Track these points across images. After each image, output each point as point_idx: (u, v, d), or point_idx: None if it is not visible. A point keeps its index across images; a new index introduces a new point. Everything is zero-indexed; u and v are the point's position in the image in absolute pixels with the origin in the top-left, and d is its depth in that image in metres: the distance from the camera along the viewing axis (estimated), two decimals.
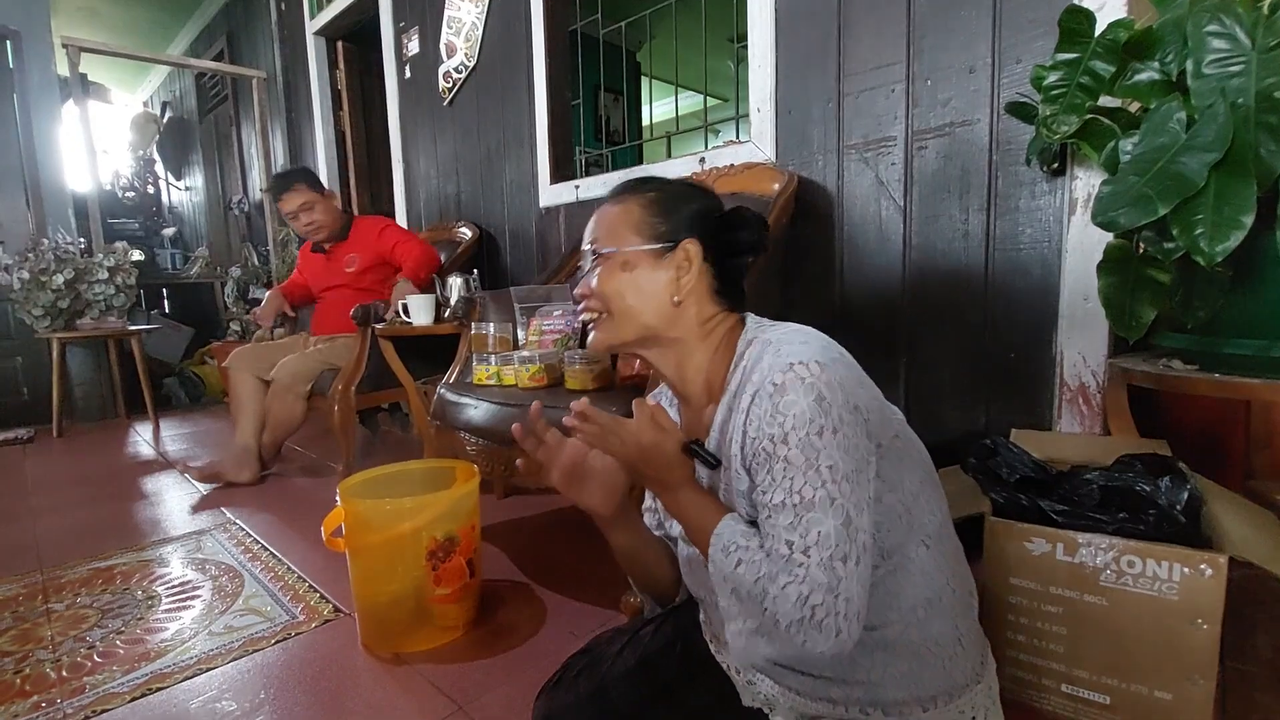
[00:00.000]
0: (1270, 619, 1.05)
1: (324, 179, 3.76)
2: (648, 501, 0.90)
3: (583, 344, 1.67)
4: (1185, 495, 0.89)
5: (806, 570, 0.57)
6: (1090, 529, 0.88)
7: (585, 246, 0.77)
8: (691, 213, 0.75)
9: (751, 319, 0.76)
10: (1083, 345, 1.30)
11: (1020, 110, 1.25)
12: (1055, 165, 1.29)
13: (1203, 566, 0.80)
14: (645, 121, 4.74)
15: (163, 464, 2.72)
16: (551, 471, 0.79)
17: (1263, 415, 1.28)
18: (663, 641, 0.82)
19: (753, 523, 0.66)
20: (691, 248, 0.73)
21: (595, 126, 4.40)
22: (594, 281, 0.75)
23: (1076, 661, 0.90)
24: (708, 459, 0.70)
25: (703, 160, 1.92)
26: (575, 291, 0.78)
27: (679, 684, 0.77)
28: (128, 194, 5.61)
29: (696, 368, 0.75)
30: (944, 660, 0.67)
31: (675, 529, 0.80)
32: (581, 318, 0.79)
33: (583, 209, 2.36)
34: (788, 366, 0.61)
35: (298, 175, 2.53)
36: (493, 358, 1.64)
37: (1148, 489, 0.91)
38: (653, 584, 0.86)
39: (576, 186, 2.35)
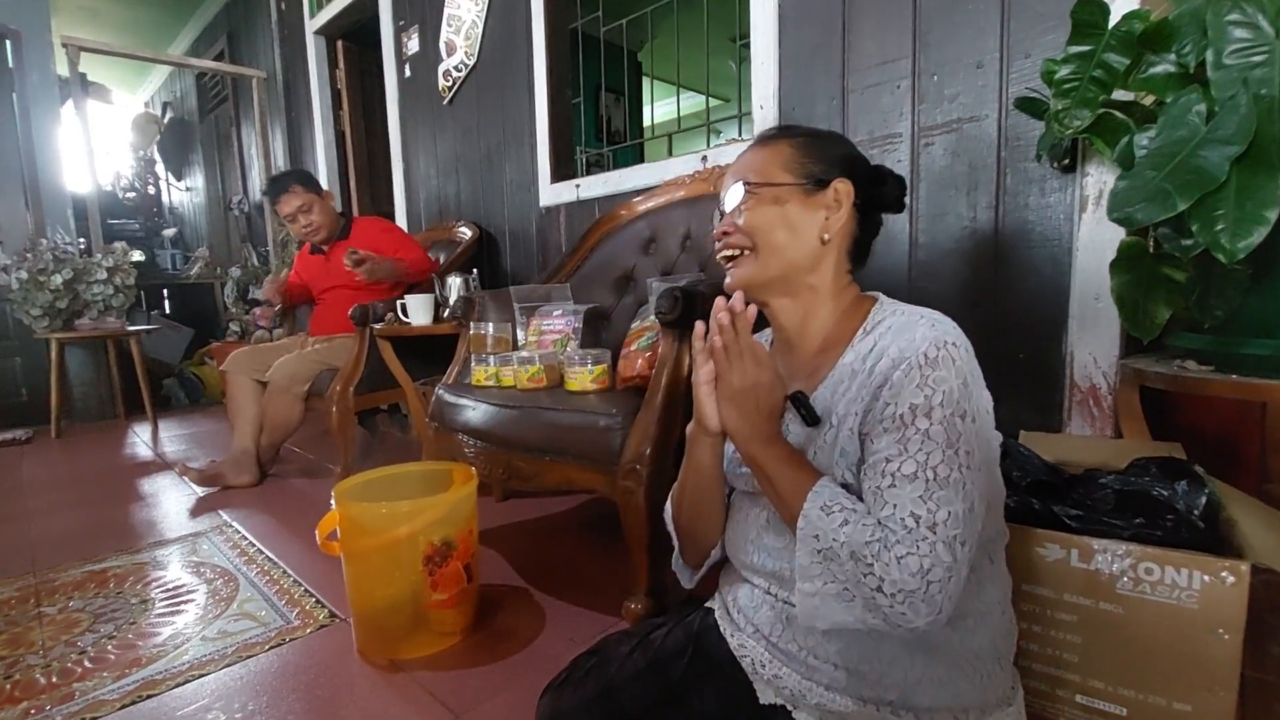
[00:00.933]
0: None
1: (324, 179, 3.76)
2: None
3: (580, 345, 1.65)
4: (1203, 500, 0.87)
5: (932, 545, 0.56)
6: (1106, 534, 0.86)
7: (730, 185, 0.76)
8: (842, 156, 0.76)
9: (885, 297, 0.76)
10: (1094, 345, 1.27)
11: (1030, 105, 1.23)
12: (1066, 161, 1.26)
13: (1224, 574, 0.77)
14: (646, 122, 4.72)
15: (161, 465, 2.70)
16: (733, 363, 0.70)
17: None
18: (674, 645, 0.80)
19: (845, 487, 0.65)
20: (842, 187, 0.73)
21: (596, 126, 4.38)
22: (741, 218, 0.74)
23: (1092, 672, 0.87)
24: (809, 415, 0.69)
25: (705, 159, 1.90)
26: (717, 229, 0.77)
27: (689, 686, 0.75)
28: (128, 194, 5.60)
29: (821, 323, 0.75)
30: (981, 676, 0.66)
31: (741, 482, 0.78)
32: (721, 254, 0.78)
33: (583, 208, 2.33)
34: (943, 342, 0.62)
35: (294, 177, 2.51)
36: (492, 358, 1.61)
37: (1165, 493, 0.88)
38: (697, 526, 0.83)
39: (577, 186, 2.33)
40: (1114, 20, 0.98)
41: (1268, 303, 0.90)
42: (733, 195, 0.75)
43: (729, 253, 0.76)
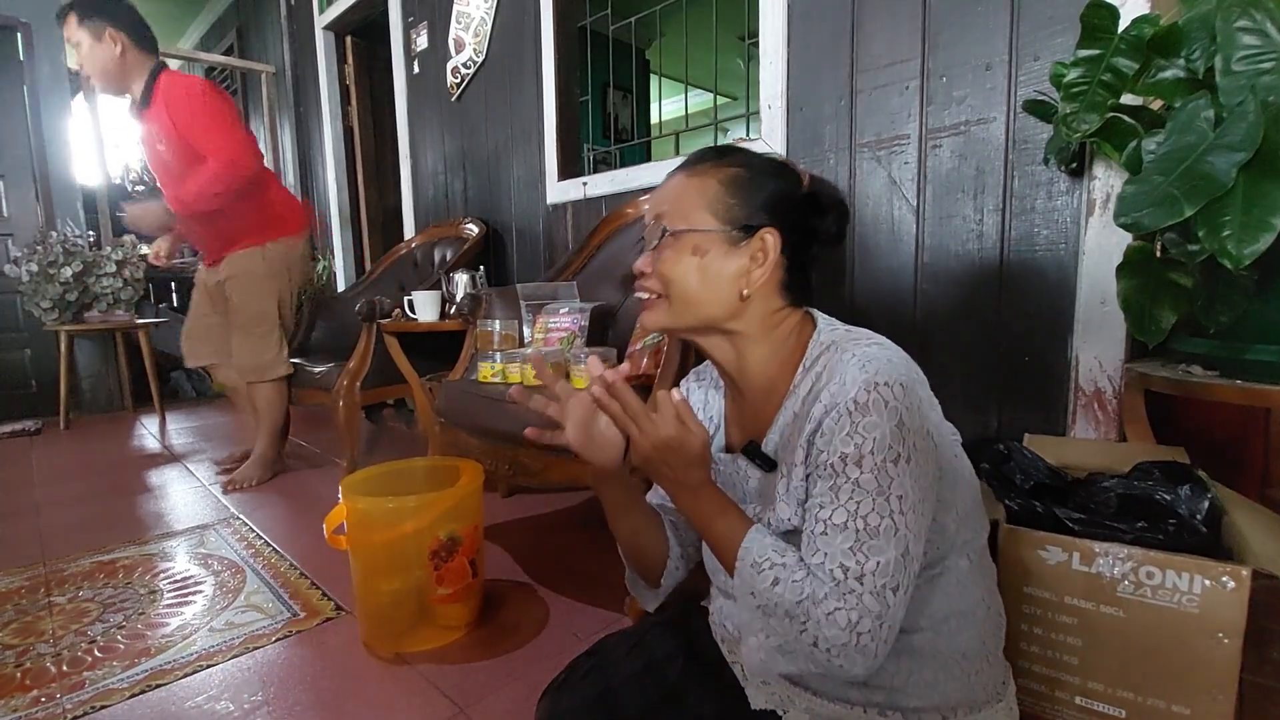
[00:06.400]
0: None
1: (331, 174, 3.77)
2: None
3: (586, 342, 1.66)
4: (1206, 504, 0.87)
5: (859, 598, 0.56)
6: (1108, 538, 0.86)
7: (650, 219, 0.72)
8: (773, 196, 0.69)
9: (822, 319, 0.72)
10: (1099, 349, 1.28)
11: (1038, 109, 1.23)
12: (1074, 165, 1.26)
13: (1225, 579, 0.77)
14: (654, 119, 4.72)
15: (168, 457, 2.72)
16: (566, 427, 0.73)
17: None
18: (671, 646, 0.81)
19: (794, 532, 0.64)
20: (770, 238, 0.67)
21: (604, 124, 4.38)
22: (657, 261, 0.69)
23: (1091, 674, 0.87)
24: (765, 462, 0.68)
25: None
26: (636, 266, 0.72)
27: (687, 688, 0.76)
28: (137, 187, 5.61)
29: (759, 361, 0.71)
30: (968, 674, 0.66)
31: None
32: (637, 294, 0.74)
33: (590, 206, 2.34)
34: (873, 385, 0.59)
35: (75, 5, 1.99)
36: (498, 355, 1.62)
37: (1167, 498, 0.88)
38: (642, 555, 0.83)
39: (584, 184, 2.34)
40: (1124, 24, 0.98)
41: (1273, 309, 0.90)
42: (653, 234, 0.70)
43: (642, 295, 0.72)
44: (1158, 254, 1.01)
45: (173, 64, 2.26)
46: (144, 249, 3.92)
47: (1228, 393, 0.95)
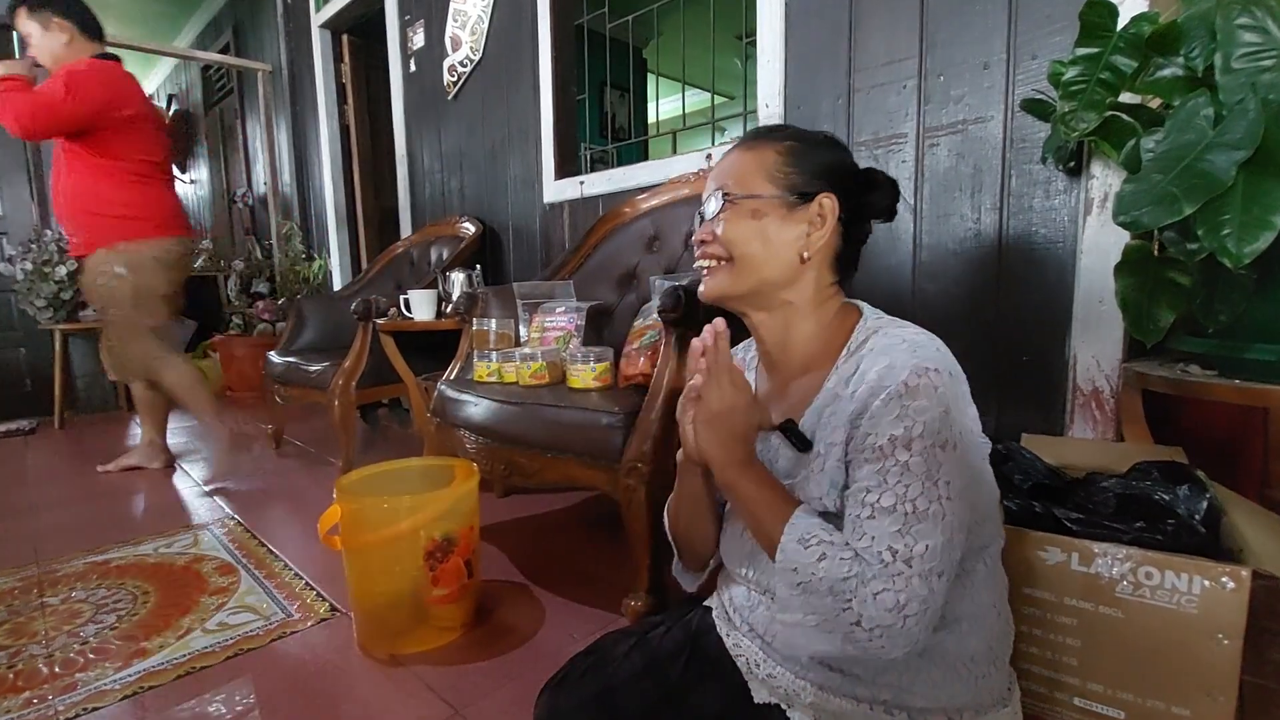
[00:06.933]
0: None
1: (328, 172, 3.76)
2: None
3: (583, 342, 1.65)
4: (1205, 505, 0.87)
5: (908, 580, 0.56)
6: (1106, 538, 0.85)
7: (710, 190, 0.74)
8: (829, 165, 0.72)
9: (868, 308, 0.74)
10: (1097, 349, 1.27)
11: (1036, 107, 1.22)
12: (1071, 164, 1.26)
13: (1224, 579, 0.77)
14: (651, 119, 4.71)
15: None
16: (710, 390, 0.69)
17: None
18: (672, 645, 0.80)
19: (825, 514, 0.64)
20: (828, 202, 0.70)
21: (600, 123, 4.36)
22: (719, 227, 0.71)
23: (1091, 675, 0.87)
24: (800, 442, 0.68)
25: (709, 156, 1.90)
26: (695, 236, 0.75)
27: (688, 687, 0.75)
28: None
29: (804, 338, 0.73)
30: (976, 677, 0.66)
31: None
32: (697, 263, 0.75)
33: (587, 205, 2.33)
34: (924, 370, 0.60)
35: None
36: (494, 354, 1.61)
37: (1166, 498, 0.88)
38: (698, 540, 0.83)
39: (581, 183, 2.33)
40: (1122, 22, 0.98)
41: (1272, 308, 0.90)
42: (713, 202, 0.73)
43: (705, 262, 0.74)
44: (1156, 253, 1.01)
45: (167, 62, 2.27)
46: None
47: (1226, 392, 0.95)
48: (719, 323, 0.68)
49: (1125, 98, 1.02)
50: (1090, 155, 1.24)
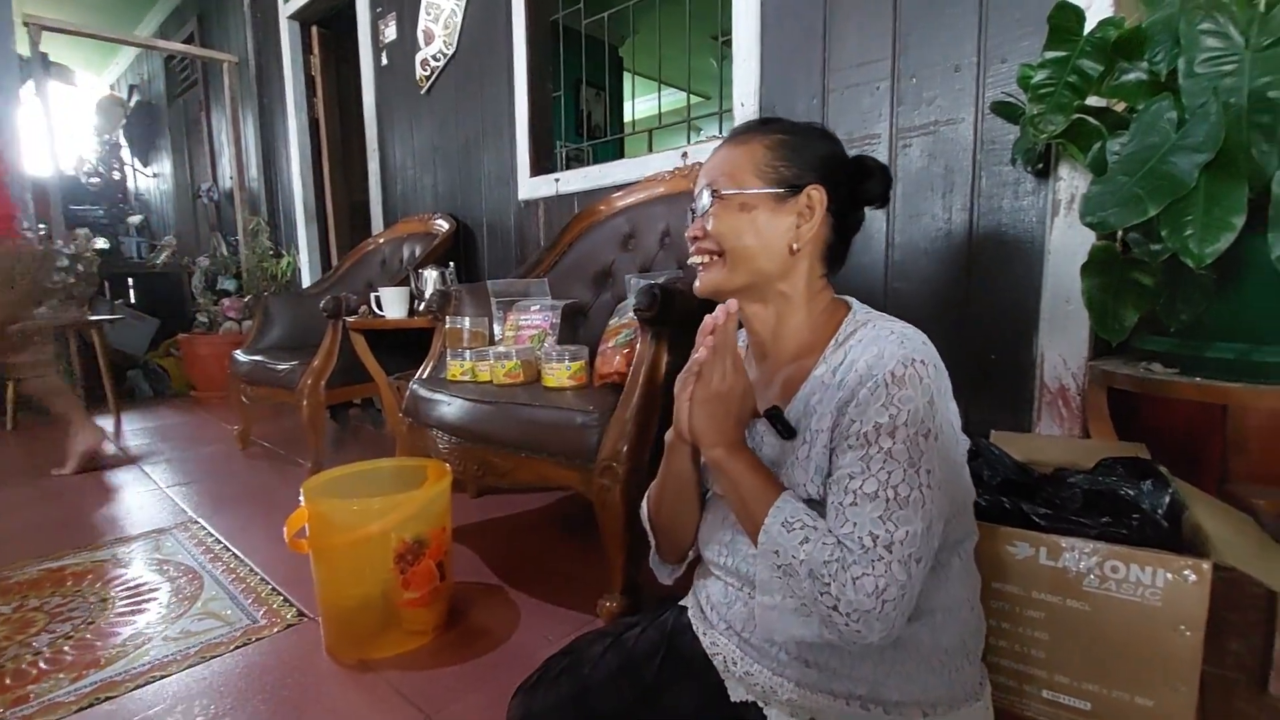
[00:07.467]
0: (1247, 624, 1.05)
1: (296, 167, 3.68)
2: None
3: (558, 340, 1.64)
4: (1167, 499, 0.89)
5: (888, 566, 0.57)
6: (1073, 533, 0.87)
7: (699, 189, 0.75)
8: (818, 157, 0.73)
9: (857, 303, 0.75)
10: (1063, 347, 1.30)
11: (1005, 110, 1.24)
12: (1040, 166, 1.28)
13: (1186, 572, 0.79)
14: (627, 117, 4.70)
15: (123, 459, 2.62)
16: (714, 368, 0.70)
17: (1240, 419, 1.28)
18: (647, 645, 0.79)
19: (809, 501, 0.65)
20: (816, 194, 0.71)
21: (576, 121, 4.34)
22: (710, 222, 0.72)
23: (1058, 667, 0.88)
24: (785, 429, 0.69)
25: (685, 155, 1.89)
26: (688, 232, 0.76)
27: (663, 687, 0.75)
28: (92, 179, 5.42)
29: (794, 329, 0.74)
30: (949, 671, 0.67)
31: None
32: (691, 260, 0.76)
33: (562, 203, 2.32)
34: (911, 360, 0.62)
35: None
36: (468, 353, 1.59)
37: (1131, 493, 0.90)
38: (678, 528, 0.83)
39: (556, 180, 2.31)
40: (1089, 26, 1.00)
41: (1232, 307, 0.92)
42: (703, 198, 0.74)
43: (699, 258, 0.75)
44: (1121, 254, 1.03)
45: (128, 52, 2.19)
46: (99, 243, 3.79)
47: (1187, 390, 0.97)
48: (732, 303, 0.70)
49: (1091, 101, 1.04)
50: (1058, 158, 1.26)
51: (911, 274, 1.50)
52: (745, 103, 1.74)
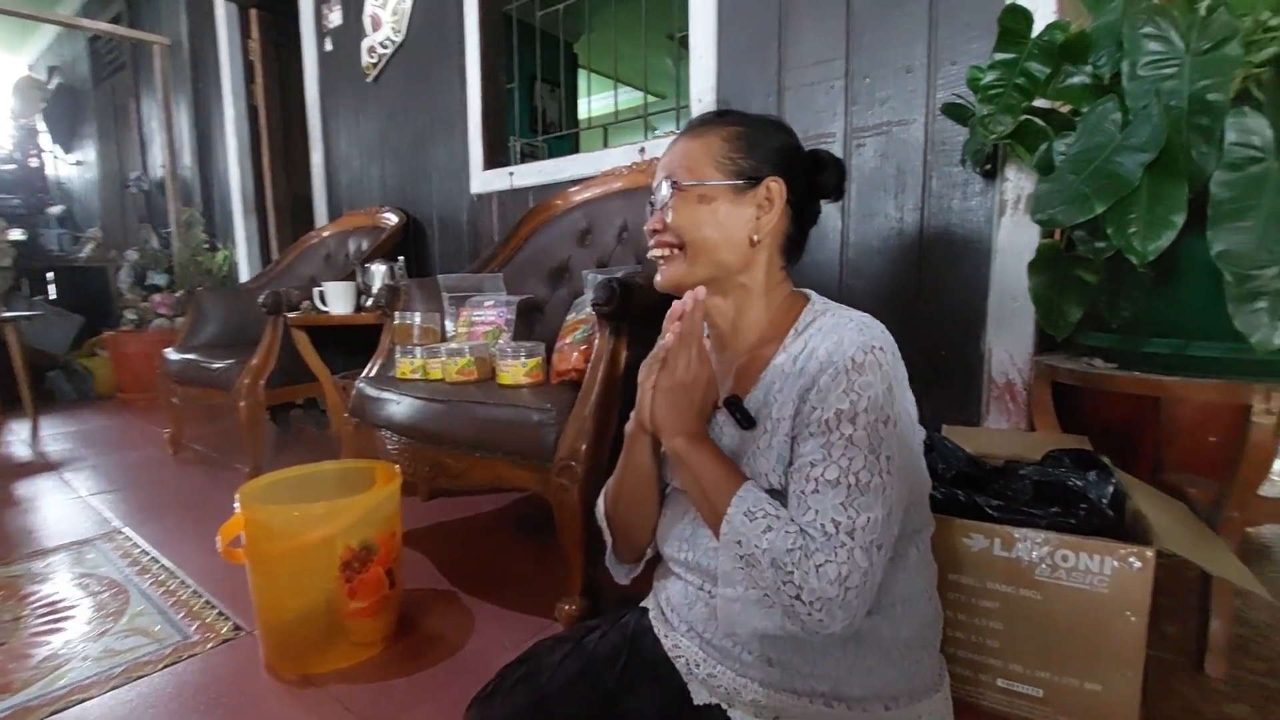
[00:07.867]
0: (1184, 608, 1.10)
1: (234, 156, 3.51)
2: None
3: (513, 337, 1.60)
4: (1111, 489, 0.92)
5: (850, 553, 0.57)
6: (1025, 524, 0.89)
7: (657, 182, 0.74)
8: (775, 149, 0.73)
9: (816, 295, 0.75)
10: (1010, 343, 1.33)
11: (955, 111, 1.27)
12: (988, 167, 1.31)
13: (1132, 559, 0.81)
14: (583, 115, 4.66)
15: (41, 466, 2.44)
16: (679, 357, 0.70)
17: (1172, 411, 1.35)
18: (608, 649, 0.77)
19: (771, 491, 0.64)
20: (775, 186, 0.71)
21: (531, 117, 4.27)
22: (669, 215, 0.72)
23: (1012, 655, 0.90)
24: (744, 419, 0.68)
25: (643, 150, 1.88)
26: (648, 225, 0.75)
27: (625, 691, 0.73)
28: (6, 166, 5.06)
29: (753, 321, 0.74)
30: (909, 663, 0.68)
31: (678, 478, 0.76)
32: (651, 254, 0.76)
33: (516, 197, 2.27)
34: (870, 347, 0.62)
35: None
36: (418, 350, 1.53)
37: (1078, 484, 0.92)
38: (636, 524, 0.81)
39: (511, 174, 2.26)
40: (1037, 30, 1.02)
41: (1168, 304, 0.96)
42: (662, 190, 0.73)
43: (659, 251, 0.74)
44: (1066, 252, 1.06)
45: (48, 30, 2.03)
46: (14, 234, 3.53)
47: (1126, 383, 1.01)
48: (700, 291, 0.69)
49: (1038, 103, 1.07)
50: (1005, 159, 1.29)
51: (865, 272, 1.52)
52: (702, 99, 1.74)
